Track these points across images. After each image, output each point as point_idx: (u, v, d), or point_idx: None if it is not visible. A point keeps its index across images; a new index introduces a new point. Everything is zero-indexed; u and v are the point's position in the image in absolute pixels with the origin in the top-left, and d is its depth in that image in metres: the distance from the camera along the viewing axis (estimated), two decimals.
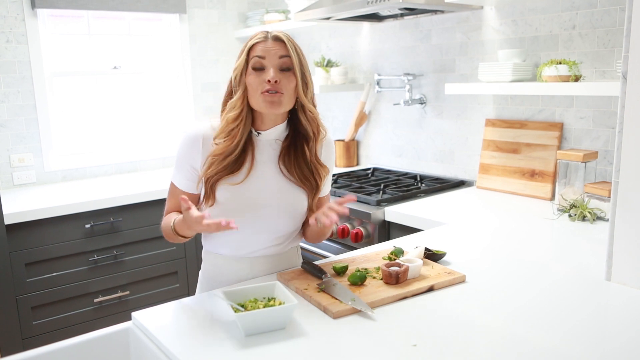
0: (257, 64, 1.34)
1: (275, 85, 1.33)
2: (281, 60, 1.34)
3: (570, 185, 2.02)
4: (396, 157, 3.03)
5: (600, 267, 1.44)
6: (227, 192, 1.39)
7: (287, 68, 1.35)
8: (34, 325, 2.46)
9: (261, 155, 1.43)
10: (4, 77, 2.82)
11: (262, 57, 1.34)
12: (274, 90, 1.33)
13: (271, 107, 1.35)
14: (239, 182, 1.39)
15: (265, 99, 1.34)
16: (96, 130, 3.20)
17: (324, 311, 1.23)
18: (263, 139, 1.43)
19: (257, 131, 1.42)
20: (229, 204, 1.40)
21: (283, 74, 1.35)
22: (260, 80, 1.34)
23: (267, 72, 1.34)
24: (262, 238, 1.46)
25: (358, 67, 3.16)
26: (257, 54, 1.34)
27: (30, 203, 2.50)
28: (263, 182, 1.42)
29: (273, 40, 1.35)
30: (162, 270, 2.79)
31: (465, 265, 1.51)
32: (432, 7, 2.34)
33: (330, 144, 1.53)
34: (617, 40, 2.04)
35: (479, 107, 2.58)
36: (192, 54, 3.45)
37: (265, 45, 1.35)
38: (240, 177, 1.40)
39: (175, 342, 1.12)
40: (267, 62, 1.34)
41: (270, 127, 1.42)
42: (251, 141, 1.42)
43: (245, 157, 1.40)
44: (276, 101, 1.34)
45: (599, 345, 1.07)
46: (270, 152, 1.44)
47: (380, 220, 2.20)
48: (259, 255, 1.48)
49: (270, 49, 1.34)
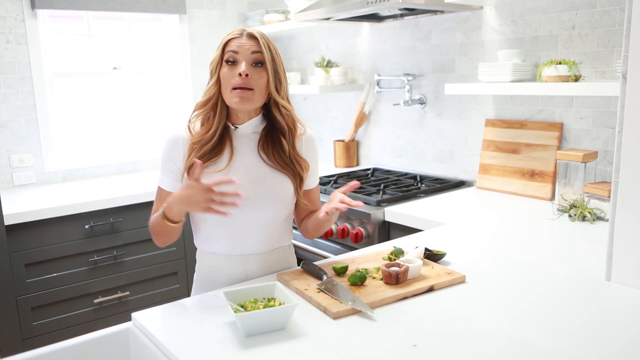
0: (230, 58, 1.40)
1: (245, 79, 1.38)
2: (253, 55, 1.40)
3: (570, 186, 2.02)
4: (396, 158, 3.03)
5: (600, 267, 1.44)
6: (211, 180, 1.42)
7: (259, 62, 1.41)
8: (34, 325, 2.46)
9: (240, 146, 1.48)
10: (4, 78, 2.82)
11: (236, 52, 1.40)
12: (244, 85, 1.38)
13: (241, 103, 1.40)
14: (222, 169, 1.43)
15: (236, 95, 1.39)
16: (96, 130, 3.20)
17: (324, 311, 1.23)
18: (240, 132, 1.48)
19: (234, 125, 1.47)
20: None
21: (255, 69, 1.40)
22: (233, 74, 1.39)
23: (239, 65, 1.39)
24: (251, 230, 1.46)
25: (358, 68, 3.16)
26: (231, 49, 1.40)
27: (30, 204, 2.50)
28: (245, 170, 1.45)
29: (247, 37, 1.42)
30: (162, 270, 2.79)
31: (465, 265, 1.51)
32: (432, 7, 2.34)
33: (311, 140, 1.55)
34: (616, 41, 2.05)
35: (479, 107, 2.58)
36: (192, 55, 3.45)
37: (240, 41, 1.41)
38: (222, 164, 1.44)
39: (175, 343, 1.12)
40: (240, 57, 1.40)
41: (245, 120, 1.47)
42: (229, 134, 1.47)
43: (224, 146, 1.45)
44: (246, 97, 1.39)
45: (599, 346, 1.07)
46: (249, 144, 1.49)
47: (380, 220, 2.20)
48: (251, 253, 1.48)
49: (244, 44, 1.40)
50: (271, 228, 1.50)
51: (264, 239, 1.49)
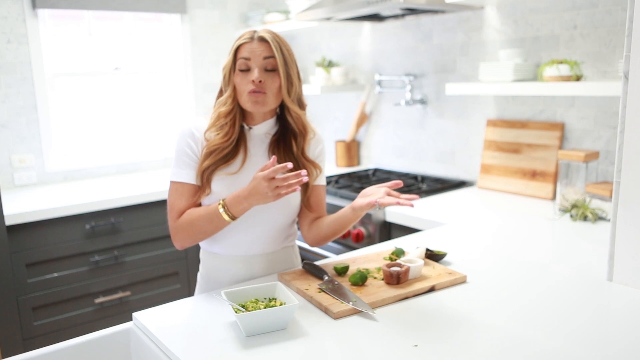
0: (242, 66, 1.41)
1: (259, 85, 1.39)
2: (266, 61, 1.40)
3: (571, 186, 2.01)
4: (397, 158, 3.02)
5: (601, 268, 1.44)
6: (223, 183, 1.43)
7: (272, 69, 1.41)
8: (35, 326, 2.46)
9: (254, 147, 1.49)
10: (5, 78, 2.82)
11: (248, 59, 1.41)
12: (258, 90, 1.39)
13: (256, 106, 1.42)
14: (234, 172, 1.44)
15: (250, 99, 1.41)
16: (97, 130, 3.20)
17: (325, 311, 1.23)
18: (254, 133, 1.49)
19: (249, 126, 1.49)
20: (225, 194, 1.42)
21: (268, 74, 1.41)
22: (246, 81, 1.41)
23: (252, 72, 1.40)
24: (257, 232, 1.47)
25: (359, 68, 3.16)
26: (243, 56, 1.41)
27: (31, 204, 2.50)
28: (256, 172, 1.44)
29: (258, 41, 1.41)
30: (163, 271, 2.79)
31: (467, 265, 1.51)
32: (433, 7, 2.34)
33: (319, 142, 1.56)
34: (618, 40, 2.04)
35: (480, 107, 2.58)
36: (193, 55, 3.45)
37: (251, 47, 1.41)
38: (235, 167, 1.44)
39: (176, 343, 1.12)
40: (252, 63, 1.40)
41: (260, 121, 1.49)
42: (243, 135, 1.48)
43: (239, 149, 1.46)
44: (260, 101, 1.41)
45: (600, 346, 1.07)
46: (262, 146, 1.50)
47: (381, 220, 2.20)
48: (256, 253, 1.49)
49: (256, 49, 1.40)
50: (276, 230, 1.50)
51: (269, 241, 1.50)
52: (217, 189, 1.43)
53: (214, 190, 1.43)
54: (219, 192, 1.43)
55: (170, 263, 2.81)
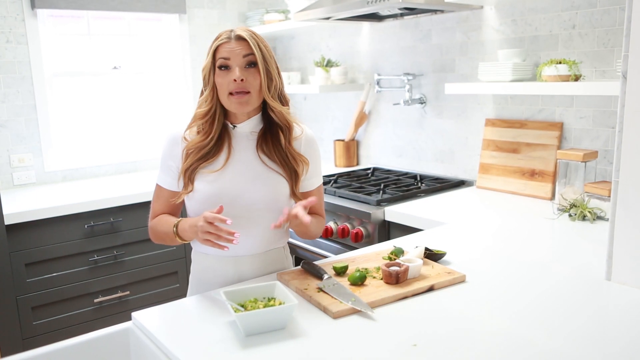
0: (222, 64, 1.41)
1: (241, 84, 1.39)
2: (245, 58, 1.40)
3: (570, 185, 2.02)
4: (396, 157, 3.03)
5: (600, 267, 1.44)
6: (206, 180, 1.44)
7: (252, 63, 1.41)
8: (34, 325, 2.46)
9: (238, 144, 1.48)
10: (4, 78, 2.82)
11: (227, 59, 1.40)
12: (240, 89, 1.39)
13: (240, 107, 1.42)
14: (218, 169, 1.44)
15: (234, 101, 1.41)
16: (96, 130, 3.20)
17: (324, 311, 1.23)
18: (239, 131, 1.49)
19: (233, 124, 1.48)
20: (209, 191, 1.43)
21: (248, 71, 1.40)
22: (227, 80, 1.40)
23: (232, 71, 1.39)
24: (245, 233, 1.42)
25: (358, 67, 3.16)
26: (222, 56, 1.40)
27: (30, 203, 2.50)
28: (242, 169, 1.45)
29: (236, 40, 1.40)
30: (162, 270, 2.79)
31: (466, 265, 1.51)
32: (432, 6, 2.34)
33: (311, 141, 1.54)
34: (617, 40, 2.04)
35: (479, 107, 2.58)
36: (192, 54, 3.45)
37: (230, 46, 1.40)
38: (219, 164, 1.44)
39: (176, 342, 1.12)
40: (232, 62, 1.40)
41: (244, 120, 1.48)
42: (227, 133, 1.48)
43: (222, 146, 1.46)
44: (244, 101, 1.41)
45: (599, 346, 1.07)
46: (247, 143, 1.49)
47: (380, 220, 2.20)
48: (245, 254, 1.48)
49: (234, 49, 1.39)
50: (264, 230, 1.47)
51: (257, 241, 1.48)
52: (200, 187, 1.44)
53: (197, 187, 1.44)
54: (202, 190, 1.43)
55: (169, 262, 2.81)
